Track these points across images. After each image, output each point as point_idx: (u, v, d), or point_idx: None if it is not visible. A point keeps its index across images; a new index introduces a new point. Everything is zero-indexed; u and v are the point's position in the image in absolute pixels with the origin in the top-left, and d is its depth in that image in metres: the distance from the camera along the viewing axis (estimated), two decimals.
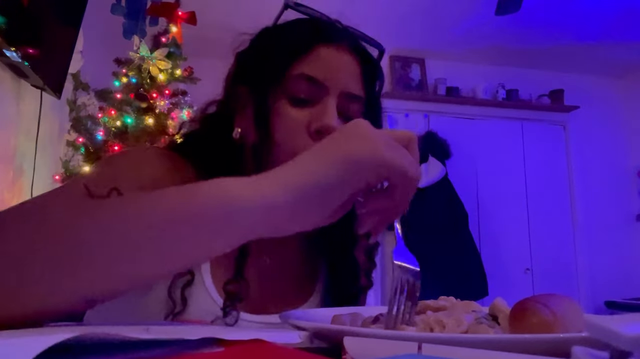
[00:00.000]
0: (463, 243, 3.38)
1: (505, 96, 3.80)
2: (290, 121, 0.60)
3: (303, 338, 0.41)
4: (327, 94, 0.61)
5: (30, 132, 2.20)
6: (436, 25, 3.34)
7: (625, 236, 3.84)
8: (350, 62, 0.64)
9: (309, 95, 0.61)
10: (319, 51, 0.62)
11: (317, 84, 0.61)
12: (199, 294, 0.59)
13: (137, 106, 2.33)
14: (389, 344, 0.31)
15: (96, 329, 0.30)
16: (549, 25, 3.31)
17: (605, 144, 3.97)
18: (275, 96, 0.61)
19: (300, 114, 0.60)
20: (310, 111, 0.61)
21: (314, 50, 0.62)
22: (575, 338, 0.32)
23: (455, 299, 0.51)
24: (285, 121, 0.60)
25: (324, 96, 0.61)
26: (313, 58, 0.62)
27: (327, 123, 0.59)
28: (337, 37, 0.65)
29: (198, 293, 0.59)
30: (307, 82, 0.61)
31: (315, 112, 0.60)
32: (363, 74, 0.66)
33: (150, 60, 2.34)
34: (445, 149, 3.52)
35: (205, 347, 0.32)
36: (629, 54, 3.67)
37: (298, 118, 0.60)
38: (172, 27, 2.46)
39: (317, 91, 0.61)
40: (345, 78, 0.63)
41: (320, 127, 0.59)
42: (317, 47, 0.63)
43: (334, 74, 0.61)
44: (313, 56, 0.62)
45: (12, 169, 2.13)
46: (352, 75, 0.64)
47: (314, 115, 0.60)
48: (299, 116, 0.60)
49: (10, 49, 1.77)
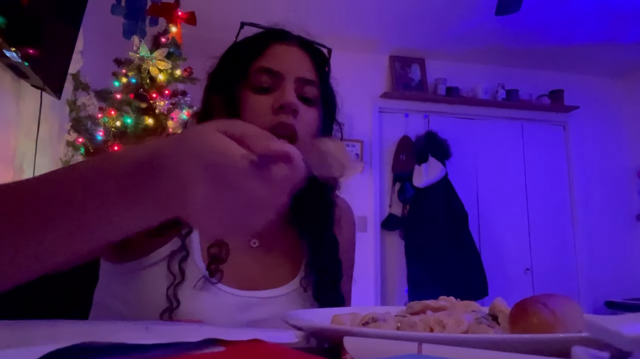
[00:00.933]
0: (463, 243, 3.38)
1: (505, 96, 3.79)
2: (255, 104, 0.71)
3: (300, 338, 0.41)
4: (284, 79, 0.72)
5: (30, 132, 2.20)
6: (436, 25, 3.34)
7: (625, 236, 3.84)
8: (301, 54, 0.75)
9: (269, 84, 0.72)
10: (273, 48, 0.74)
11: (274, 73, 0.72)
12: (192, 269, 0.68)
13: (137, 106, 2.33)
14: (389, 344, 0.31)
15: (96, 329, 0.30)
16: (549, 25, 3.31)
17: (605, 144, 3.96)
18: (241, 91, 0.73)
19: (264, 99, 0.71)
20: (272, 96, 0.71)
21: (269, 48, 0.74)
22: (575, 338, 0.32)
23: (455, 299, 0.51)
24: (251, 105, 0.71)
25: (281, 82, 0.72)
26: (269, 54, 0.74)
27: (287, 99, 0.69)
28: (288, 37, 0.77)
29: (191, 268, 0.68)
30: (265, 73, 0.72)
31: (276, 95, 0.71)
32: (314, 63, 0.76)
33: (150, 60, 2.34)
34: (445, 149, 3.52)
35: (206, 347, 0.32)
36: (629, 54, 3.67)
37: (262, 101, 0.71)
38: (171, 27, 2.46)
39: (275, 80, 0.72)
40: (298, 66, 0.73)
41: (282, 103, 0.69)
42: (271, 46, 0.74)
43: (287, 64, 0.73)
44: (268, 53, 0.74)
45: (12, 169, 2.13)
46: (303, 64, 0.75)
47: (276, 97, 0.70)
48: (262, 100, 0.71)
49: (10, 49, 1.77)
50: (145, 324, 0.45)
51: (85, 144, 2.34)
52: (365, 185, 3.57)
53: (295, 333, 0.42)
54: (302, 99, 0.73)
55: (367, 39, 3.55)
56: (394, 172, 3.62)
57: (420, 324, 0.42)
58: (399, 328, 0.43)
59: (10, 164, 2.12)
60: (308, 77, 0.74)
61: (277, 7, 3.00)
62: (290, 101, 0.69)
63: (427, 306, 0.48)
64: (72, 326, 0.47)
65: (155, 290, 0.66)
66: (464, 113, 3.79)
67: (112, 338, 0.29)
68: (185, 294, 0.66)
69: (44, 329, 0.43)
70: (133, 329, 0.42)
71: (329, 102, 0.79)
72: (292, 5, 3.06)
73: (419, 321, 0.42)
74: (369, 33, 3.48)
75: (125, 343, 0.29)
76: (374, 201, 3.56)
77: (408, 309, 0.49)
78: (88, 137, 2.34)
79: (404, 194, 3.53)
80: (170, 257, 0.67)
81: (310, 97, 0.74)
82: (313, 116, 0.74)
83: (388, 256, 3.54)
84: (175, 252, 0.68)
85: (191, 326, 0.48)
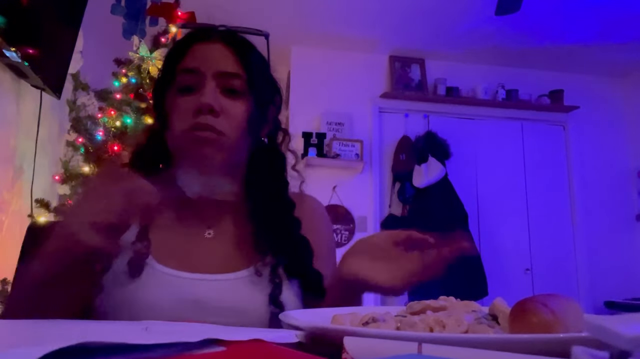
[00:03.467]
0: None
1: (505, 96, 3.79)
2: (178, 107, 0.74)
3: (300, 338, 0.41)
4: (205, 78, 0.73)
5: (30, 132, 2.20)
6: (436, 25, 3.34)
7: (625, 236, 3.84)
8: (222, 49, 0.76)
9: (190, 83, 0.74)
10: (195, 48, 0.76)
11: (194, 72, 0.74)
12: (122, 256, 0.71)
13: (136, 106, 2.33)
14: (389, 344, 0.31)
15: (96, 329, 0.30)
16: (549, 25, 3.31)
17: (605, 144, 3.96)
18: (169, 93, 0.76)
19: (187, 100, 0.73)
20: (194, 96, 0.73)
21: (191, 48, 0.76)
22: (575, 338, 0.32)
23: (455, 299, 0.51)
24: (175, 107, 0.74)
25: (202, 80, 0.73)
26: (190, 54, 0.76)
27: (203, 101, 0.71)
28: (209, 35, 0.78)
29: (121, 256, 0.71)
30: (186, 73, 0.75)
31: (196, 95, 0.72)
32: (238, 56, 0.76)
33: (150, 60, 2.34)
34: (445, 149, 3.52)
35: (206, 347, 0.32)
36: (629, 54, 3.67)
37: (184, 103, 0.73)
38: (171, 27, 2.46)
39: (196, 78, 0.74)
40: (217, 61, 0.75)
41: (199, 105, 0.71)
42: (193, 47, 0.77)
43: (206, 61, 0.74)
44: (190, 53, 0.76)
45: (12, 169, 2.13)
46: (224, 58, 0.75)
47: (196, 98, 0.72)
48: (185, 102, 0.73)
49: (10, 49, 1.77)
50: (145, 324, 0.45)
51: (85, 144, 2.34)
52: (365, 185, 3.57)
53: (295, 333, 0.42)
54: (228, 92, 0.74)
55: (367, 39, 3.55)
56: (393, 172, 3.62)
57: (420, 324, 0.42)
58: (399, 328, 0.43)
59: (10, 164, 2.12)
60: (230, 70, 0.75)
61: (277, 7, 3.00)
62: (206, 102, 0.71)
63: (427, 306, 0.48)
64: (73, 326, 0.47)
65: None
66: (464, 113, 3.79)
67: (112, 338, 0.29)
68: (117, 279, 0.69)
69: (44, 329, 0.43)
70: (133, 329, 0.42)
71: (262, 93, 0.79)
72: (292, 5, 3.06)
73: (419, 321, 0.42)
74: (369, 33, 3.47)
75: (125, 343, 0.29)
76: (374, 201, 3.56)
77: (408, 309, 0.49)
78: (88, 137, 2.34)
79: (404, 194, 3.53)
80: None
81: (236, 89, 0.75)
82: (238, 109, 0.75)
83: None
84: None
85: (191, 326, 0.48)
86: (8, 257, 0.66)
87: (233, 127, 0.74)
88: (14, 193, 2.16)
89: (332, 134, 3.54)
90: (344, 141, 3.50)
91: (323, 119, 3.57)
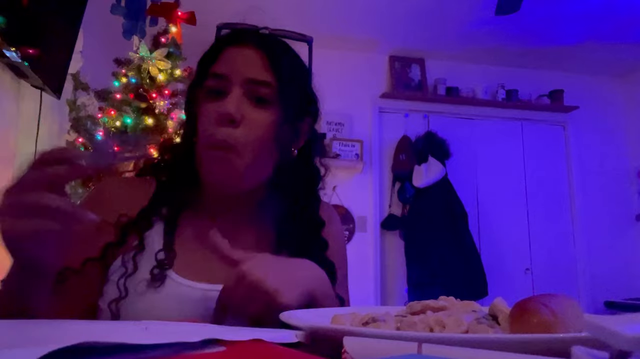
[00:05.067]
0: (463, 243, 3.38)
1: (505, 96, 3.80)
2: (205, 112, 0.71)
3: (300, 338, 0.41)
4: (231, 83, 0.70)
5: (30, 132, 2.20)
6: (436, 25, 3.34)
7: (625, 236, 3.84)
8: (253, 55, 0.72)
9: (218, 88, 0.71)
10: (226, 52, 0.73)
11: (222, 77, 0.71)
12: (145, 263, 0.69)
13: (136, 106, 2.33)
14: (389, 344, 0.31)
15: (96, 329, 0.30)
16: (549, 25, 3.31)
17: (605, 144, 3.96)
18: (199, 97, 0.74)
19: (211, 106, 0.70)
20: (219, 102, 0.70)
21: (223, 53, 0.73)
22: (575, 338, 0.32)
23: (455, 299, 0.51)
24: (202, 112, 0.72)
25: (229, 87, 0.70)
26: (221, 58, 0.73)
27: (223, 109, 0.68)
28: (243, 39, 0.74)
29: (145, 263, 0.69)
30: (214, 78, 0.72)
31: (222, 101, 0.70)
32: (270, 62, 0.72)
33: (150, 60, 2.34)
34: (445, 149, 3.53)
35: (206, 347, 0.32)
36: (629, 54, 3.67)
37: (211, 108, 0.70)
38: (171, 27, 2.46)
39: (223, 84, 0.71)
40: (247, 68, 0.71)
41: (220, 114, 0.68)
42: (225, 50, 0.73)
43: (235, 67, 0.71)
44: (221, 57, 0.73)
45: (12, 169, 2.13)
46: (254, 65, 0.72)
47: (219, 105, 0.70)
48: (212, 107, 0.70)
49: (10, 49, 1.77)
50: (145, 324, 0.45)
51: (85, 144, 2.34)
52: (365, 185, 3.57)
53: (295, 333, 0.42)
54: (256, 99, 0.71)
55: (367, 39, 3.55)
56: (393, 172, 3.62)
57: (420, 324, 0.42)
58: (398, 328, 0.43)
59: (10, 164, 2.12)
60: (259, 78, 0.71)
61: (277, 8, 3.00)
62: (227, 111, 0.68)
63: (427, 306, 0.48)
64: (73, 326, 0.47)
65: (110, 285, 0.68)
66: (464, 113, 3.79)
67: (112, 338, 0.29)
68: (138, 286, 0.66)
69: (44, 329, 0.43)
70: (133, 329, 0.42)
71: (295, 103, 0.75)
72: (292, 5, 3.06)
73: (419, 321, 0.42)
74: (369, 33, 3.47)
75: (125, 343, 0.29)
76: (374, 201, 3.56)
77: (408, 309, 0.49)
78: (88, 137, 2.34)
79: (404, 194, 3.53)
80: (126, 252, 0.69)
81: (265, 97, 0.71)
82: (263, 118, 0.71)
83: (388, 256, 3.55)
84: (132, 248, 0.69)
85: (191, 326, 0.48)
86: (8, 257, 0.65)
87: (254, 138, 0.70)
88: None
89: (332, 134, 3.54)
90: (344, 141, 3.50)
91: (323, 119, 3.54)
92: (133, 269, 0.67)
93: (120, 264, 0.68)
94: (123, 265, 0.68)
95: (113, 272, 0.69)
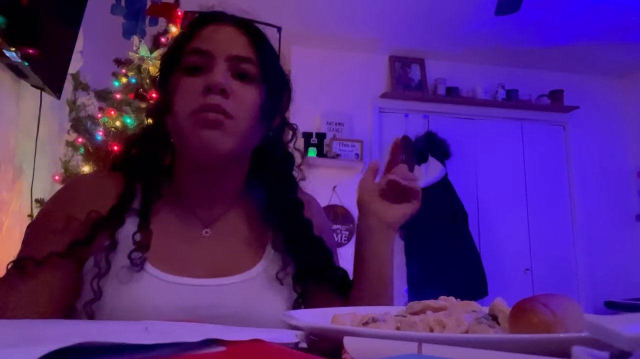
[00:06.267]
0: (463, 243, 3.38)
1: (505, 96, 3.79)
2: (185, 87, 0.69)
3: (300, 338, 0.41)
4: (214, 59, 0.69)
5: (30, 132, 2.20)
6: (436, 25, 3.34)
7: (625, 236, 3.84)
8: (235, 33, 0.73)
9: (199, 63, 0.70)
10: (205, 30, 0.73)
11: (204, 53, 0.70)
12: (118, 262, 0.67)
13: (136, 106, 2.33)
14: (389, 344, 0.31)
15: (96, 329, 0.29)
16: (549, 25, 3.31)
17: (605, 144, 3.96)
18: (174, 75, 0.72)
19: (195, 80, 0.69)
20: (203, 77, 0.69)
21: (201, 31, 0.73)
22: (575, 338, 0.32)
23: (455, 299, 0.51)
24: (182, 88, 0.69)
25: (212, 62, 0.69)
26: (200, 36, 0.72)
27: (213, 79, 0.67)
28: (221, 18, 0.74)
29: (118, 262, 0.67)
30: (195, 54, 0.70)
31: (206, 75, 0.69)
32: (251, 41, 0.73)
33: (150, 60, 2.34)
34: (445, 149, 3.53)
35: (206, 347, 0.32)
36: (629, 54, 3.67)
37: (192, 83, 0.69)
38: (171, 27, 2.46)
39: (205, 60, 0.70)
40: (230, 44, 0.71)
41: (208, 84, 0.67)
42: (203, 28, 0.73)
43: (217, 43, 0.71)
44: (200, 34, 0.72)
45: (12, 169, 2.13)
46: (236, 42, 0.72)
47: (205, 78, 0.68)
48: (193, 81, 0.69)
49: (10, 49, 1.77)
50: (145, 324, 0.45)
51: (85, 144, 2.34)
52: None
53: (295, 333, 0.42)
54: (239, 76, 0.71)
55: (367, 39, 3.55)
56: None
57: (420, 324, 0.42)
58: (399, 328, 0.43)
59: (10, 164, 2.12)
60: (242, 54, 0.71)
61: (277, 7, 3.00)
62: (217, 81, 0.67)
63: (427, 306, 0.48)
64: (72, 326, 0.47)
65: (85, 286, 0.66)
66: (464, 113, 3.79)
67: (112, 338, 0.29)
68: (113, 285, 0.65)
69: (44, 329, 0.43)
70: (133, 329, 0.42)
71: (274, 81, 0.75)
72: (292, 5, 3.06)
73: (419, 321, 0.42)
74: (369, 33, 3.47)
75: (125, 343, 0.29)
76: None
77: (408, 309, 0.49)
78: (88, 137, 2.34)
79: None
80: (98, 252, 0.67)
81: (248, 73, 0.71)
82: (250, 94, 0.71)
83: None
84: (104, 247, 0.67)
85: (191, 326, 0.48)
86: (8, 257, 0.65)
87: (244, 111, 0.69)
88: (14, 193, 2.16)
89: (332, 134, 3.54)
90: (344, 141, 3.50)
91: (323, 119, 3.57)
92: (106, 269, 0.65)
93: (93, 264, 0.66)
94: (96, 265, 0.66)
95: (86, 272, 0.67)
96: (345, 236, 3.46)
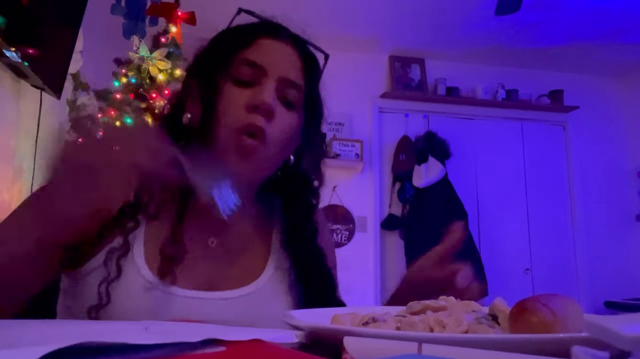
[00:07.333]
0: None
1: (505, 96, 3.80)
2: (231, 98, 0.66)
3: (300, 338, 0.41)
4: (266, 76, 0.67)
5: (30, 132, 2.20)
6: (436, 25, 3.34)
7: (625, 236, 3.84)
8: (291, 54, 0.70)
9: (250, 77, 0.67)
10: (262, 42, 0.69)
11: (257, 67, 0.67)
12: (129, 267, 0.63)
13: (136, 106, 2.33)
14: (389, 344, 0.31)
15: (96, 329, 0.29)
16: (549, 25, 3.31)
17: (605, 144, 3.96)
18: (221, 80, 0.68)
19: (242, 93, 0.66)
20: (251, 92, 0.66)
21: (257, 41, 0.69)
22: (575, 338, 0.32)
23: (455, 299, 0.51)
24: (227, 97, 0.66)
25: (262, 78, 0.67)
26: (255, 47, 0.69)
27: (262, 99, 0.64)
28: (280, 33, 0.71)
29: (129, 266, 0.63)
30: (248, 66, 0.67)
31: (254, 92, 0.66)
32: (304, 66, 0.71)
33: (150, 60, 2.34)
34: (445, 149, 3.53)
35: (206, 347, 0.32)
36: (629, 54, 3.67)
37: (239, 95, 0.66)
38: (171, 27, 2.46)
39: (257, 74, 0.67)
40: (284, 65, 0.69)
41: (256, 103, 0.64)
42: (260, 39, 0.69)
43: (273, 60, 0.68)
44: (255, 45, 0.69)
45: (11, 169, 2.13)
46: (291, 64, 0.70)
47: (253, 94, 0.66)
48: (240, 94, 0.66)
49: (10, 49, 1.77)
50: (145, 324, 0.45)
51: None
52: (365, 185, 3.57)
53: (295, 333, 0.42)
54: (283, 100, 0.68)
55: (367, 39, 3.55)
56: (393, 172, 3.62)
57: (420, 324, 0.42)
58: (399, 328, 0.43)
59: (10, 164, 2.12)
60: (293, 79, 0.68)
61: (277, 7, 3.00)
62: (266, 101, 0.64)
63: (427, 306, 0.48)
64: (72, 326, 0.47)
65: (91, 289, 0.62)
66: (464, 113, 3.79)
67: (112, 338, 0.29)
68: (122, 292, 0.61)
69: (44, 329, 0.43)
70: (133, 329, 0.42)
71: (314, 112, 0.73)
72: (291, 5, 3.06)
73: (419, 321, 0.42)
74: (369, 33, 3.47)
75: (125, 343, 0.29)
76: (374, 201, 3.56)
77: (408, 309, 0.49)
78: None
79: (404, 194, 3.53)
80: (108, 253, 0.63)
81: (292, 101, 0.69)
82: (290, 121, 0.68)
83: (388, 256, 3.54)
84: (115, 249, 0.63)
85: (191, 326, 0.48)
86: None
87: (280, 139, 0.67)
88: (14, 193, 2.16)
89: (332, 134, 3.54)
90: (344, 141, 3.50)
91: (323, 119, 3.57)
92: (117, 274, 0.62)
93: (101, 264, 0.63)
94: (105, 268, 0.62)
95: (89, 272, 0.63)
96: (345, 236, 3.46)
